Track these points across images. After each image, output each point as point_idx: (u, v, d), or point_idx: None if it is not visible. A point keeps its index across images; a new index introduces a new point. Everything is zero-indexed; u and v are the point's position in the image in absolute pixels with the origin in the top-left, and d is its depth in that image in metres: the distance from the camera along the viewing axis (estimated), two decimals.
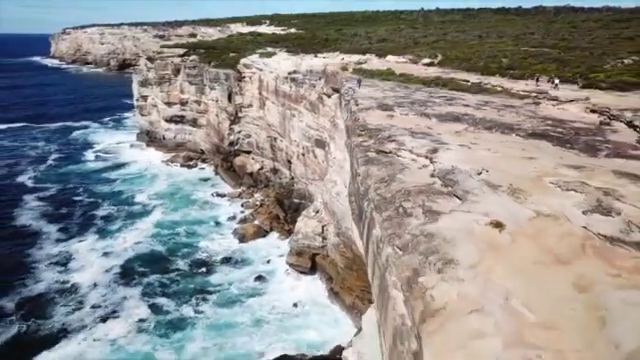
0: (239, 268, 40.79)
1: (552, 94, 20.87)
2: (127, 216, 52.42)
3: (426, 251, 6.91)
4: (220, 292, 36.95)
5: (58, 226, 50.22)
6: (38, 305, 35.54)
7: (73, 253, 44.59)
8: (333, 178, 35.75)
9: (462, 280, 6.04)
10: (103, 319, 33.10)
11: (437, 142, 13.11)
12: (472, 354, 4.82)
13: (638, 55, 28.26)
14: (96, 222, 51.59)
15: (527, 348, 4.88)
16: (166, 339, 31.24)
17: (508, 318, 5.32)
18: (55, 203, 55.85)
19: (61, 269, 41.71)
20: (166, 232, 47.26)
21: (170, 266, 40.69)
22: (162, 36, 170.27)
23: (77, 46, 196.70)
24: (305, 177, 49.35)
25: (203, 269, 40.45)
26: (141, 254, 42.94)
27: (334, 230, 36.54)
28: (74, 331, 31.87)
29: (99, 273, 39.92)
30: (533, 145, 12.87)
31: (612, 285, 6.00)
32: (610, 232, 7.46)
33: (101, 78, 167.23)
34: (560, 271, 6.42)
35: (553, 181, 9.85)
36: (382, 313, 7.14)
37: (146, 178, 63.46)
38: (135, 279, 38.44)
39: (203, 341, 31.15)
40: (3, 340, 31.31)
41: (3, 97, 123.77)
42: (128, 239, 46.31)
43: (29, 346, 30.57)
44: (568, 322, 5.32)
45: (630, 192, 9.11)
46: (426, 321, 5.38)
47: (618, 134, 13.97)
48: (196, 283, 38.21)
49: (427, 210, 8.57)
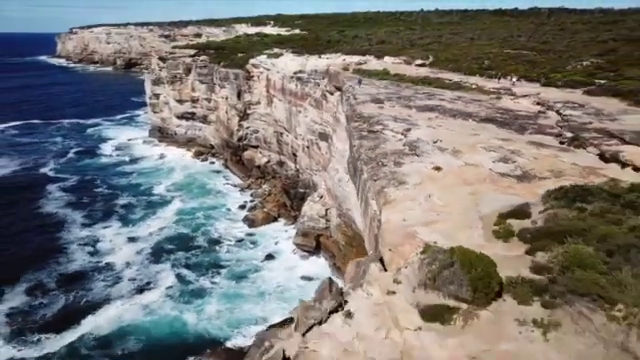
0: (250, 248, 45.90)
1: (514, 90, 25.94)
2: (147, 205, 57.39)
3: (390, 179, 12.01)
4: (232, 267, 42.13)
5: (82, 213, 55.27)
6: (77, 281, 40.32)
7: (100, 237, 49.52)
8: (335, 167, 40.85)
9: (407, 189, 11.12)
10: (138, 290, 38.16)
11: (412, 125, 18.24)
12: (404, 214, 9.88)
13: (597, 57, 33.29)
14: (117, 210, 56.55)
15: (433, 212, 9.95)
16: (189, 304, 36.42)
17: (426, 203, 10.41)
18: (77, 193, 60.89)
19: (91, 250, 46.66)
20: (187, 218, 52.46)
21: (192, 245, 45.89)
22: (167, 36, 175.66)
23: (84, 45, 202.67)
24: (310, 168, 54.42)
25: (219, 248, 45.61)
26: (168, 237, 48.04)
27: (336, 212, 41.64)
28: (113, 300, 36.91)
29: (131, 255, 44.78)
30: (481, 126, 17.99)
31: (489, 192, 11.08)
32: (503, 171, 12.55)
33: (108, 77, 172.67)
34: (465, 187, 11.50)
35: (483, 146, 14.94)
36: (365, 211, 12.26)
37: (162, 171, 68.59)
38: (164, 257, 43.57)
39: (218, 306, 36.38)
40: (51, 309, 36.22)
41: (16, 96, 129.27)
42: (152, 225, 51.31)
43: (75, 313, 35.44)
44: (459, 205, 10.40)
45: (529, 152, 14.21)
46: (384, 206, 10.44)
47: (547, 119, 19.04)
48: (213, 259, 43.38)
49: (395, 162, 13.69)
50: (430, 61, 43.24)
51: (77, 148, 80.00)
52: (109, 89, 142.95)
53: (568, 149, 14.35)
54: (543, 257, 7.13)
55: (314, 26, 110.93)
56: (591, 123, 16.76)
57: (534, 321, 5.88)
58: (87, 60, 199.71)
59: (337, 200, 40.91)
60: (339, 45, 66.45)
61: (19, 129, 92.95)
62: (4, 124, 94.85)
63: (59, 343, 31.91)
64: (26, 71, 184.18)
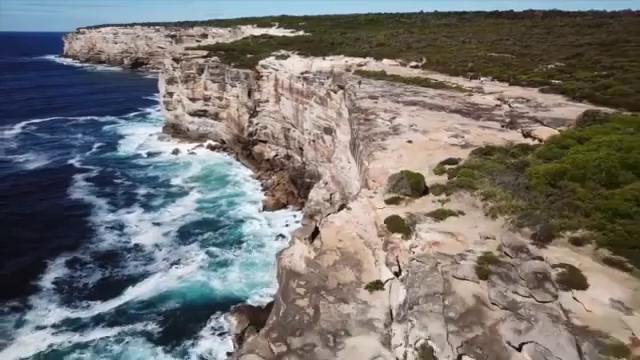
0: (264, 229, 52.55)
1: (485, 89, 32.33)
2: (167, 195, 64.01)
3: (377, 147, 18.43)
4: (250, 243, 48.89)
5: (107, 200, 61.95)
6: (110, 258, 46.66)
7: (125, 222, 56.10)
8: (339, 156, 47.27)
9: (386, 153, 17.54)
10: (172, 264, 44.77)
11: (397, 115, 24.69)
12: (383, 164, 16.27)
13: (562, 61, 39.67)
14: (139, 199, 63.20)
15: (401, 163, 16.32)
16: (215, 272, 43.17)
17: (398, 159, 16.81)
18: (101, 183, 67.64)
19: (119, 233, 53.23)
20: (206, 205, 59.24)
21: (214, 227, 52.72)
22: (174, 36, 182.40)
23: (91, 45, 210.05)
24: (315, 160, 60.94)
25: (238, 229, 52.39)
26: (192, 221, 54.76)
27: (339, 196, 48.14)
28: (150, 274, 43.40)
29: (158, 237, 51.18)
30: (449, 116, 24.43)
31: (440, 153, 17.44)
32: (453, 142, 18.94)
33: (117, 76, 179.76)
34: (425, 152, 17.90)
35: (445, 129, 21.35)
36: (359, 168, 18.71)
37: (178, 165, 75.28)
38: (193, 236, 50.34)
39: (238, 273, 43.21)
40: (92, 280, 42.55)
41: (31, 94, 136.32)
42: (174, 213, 57.89)
43: (116, 284, 41.75)
44: (418, 160, 16.80)
45: (475, 132, 20.62)
46: (371, 162, 16.83)
47: (500, 110, 25.44)
48: (234, 238, 50.26)
49: (382, 138, 20.10)
50: (423, 63, 49.65)
51: (98, 143, 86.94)
52: (119, 88, 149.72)
53: (504, 130, 20.77)
54: (453, 178, 13.54)
55: (317, 28, 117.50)
56: (528, 113, 23.18)
57: (439, 200, 12.31)
58: (94, 60, 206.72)
59: (340, 185, 47.35)
60: (342, 47, 72.93)
61: (39, 126, 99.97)
62: (25, 121, 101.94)
63: (107, 307, 38.39)
64: (37, 70, 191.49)
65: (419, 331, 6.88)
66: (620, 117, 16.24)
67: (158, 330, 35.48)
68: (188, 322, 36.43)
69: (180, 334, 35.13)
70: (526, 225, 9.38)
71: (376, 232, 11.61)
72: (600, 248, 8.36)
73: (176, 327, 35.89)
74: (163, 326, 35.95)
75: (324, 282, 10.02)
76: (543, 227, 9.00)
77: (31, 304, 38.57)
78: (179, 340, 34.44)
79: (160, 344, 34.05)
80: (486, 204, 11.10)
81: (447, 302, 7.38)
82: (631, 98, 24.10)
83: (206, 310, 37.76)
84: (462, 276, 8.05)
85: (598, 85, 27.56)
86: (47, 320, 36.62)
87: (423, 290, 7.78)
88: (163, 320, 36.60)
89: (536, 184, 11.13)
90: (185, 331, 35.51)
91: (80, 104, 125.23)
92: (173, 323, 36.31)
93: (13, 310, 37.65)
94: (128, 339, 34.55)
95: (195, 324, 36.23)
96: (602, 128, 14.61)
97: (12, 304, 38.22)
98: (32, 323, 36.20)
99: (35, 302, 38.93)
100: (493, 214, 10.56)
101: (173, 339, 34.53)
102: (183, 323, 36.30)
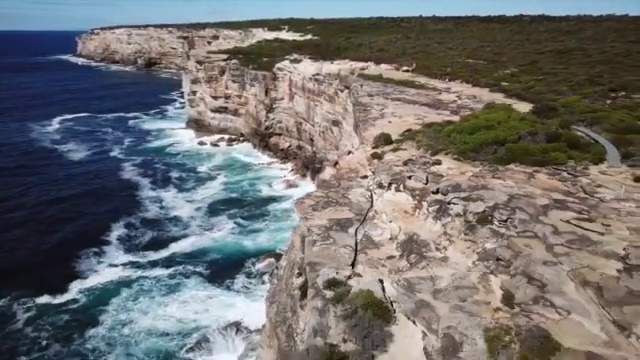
0: (284, 202, 65.99)
1: (452, 89, 45.50)
2: (197, 180, 77.58)
3: (370, 125, 31.68)
4: (274, 214, 62.28)
5: (148, 180, 75.79)
6: (156, 224, 60.39)
7: (163, 198, 69.84)
8: (345, 143, 60.59)
9: (375, 127, 30.76)
10: (205, 229, 58.22)
11: (384, 107, 38.07)
12: (373, 132, 29.47)
13: (518, 67, 52.94)
14: (173, 182, 76.94)
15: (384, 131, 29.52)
16: (246, 236, 56.57)
17: (382, 129, 30.02)
18: (141, 168, 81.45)
19: (159, 206, 66.91)
20: (232, 186, 72.79)
21: (243, 202, 66.17)
22: (186, 37, 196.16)
23: (105, 45, 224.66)
24: (324, 148, 74.32)
25: (262, 204, 65.80)
26: (220, 199, 68.35)
27: None
28: (187, 236, 56.84)
29: (192, 211, 64.78)
30: (419, 107, 37.77)
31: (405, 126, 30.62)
32: (416, 122, 32.15)
33: (132, 76, 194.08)
34: (397, 127, 31.11)
35: (414, 115, 34.57)
36: (359, 137, 32.06)
37: (202, 155, 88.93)
38: (222, 211, 63.78)
39: (267, 235, 56.46)
40: (144, 239, 56.16)
41: (58, 93, 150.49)
42: (204, 193, 71.44)
43: (163, 241, 55.34)
44: (394, 130, 29.94)
45: (432, 116, 33.93)
46: (365, 132, 30.04)
47: (454, 104, 38.64)
48: (259, 210, 63.60)
49: (373, 120, 33.40)
50: (413, 68, 63.02)
51: (129, 137, 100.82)
52: (136, 87, 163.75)
53: (450, 115, 34.03)
54: (412, 141, 26.86)
55: (324, 32, 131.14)
56: (469, 105, 36.47)
57: (396, 145, 25.64)
58: (108, 59, 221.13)
59: None
60: (347, 52, 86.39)
61: (73, 121, 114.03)
62: (60, 116, 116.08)
63: (158, 256, 52.03)
64: (56, 70, 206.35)
65: (378, 178, 20.06)
66: (505, 106, 29.50)
67: (203, 271, 48.32)
68: (226, 267, 49.47)
69: (220, 274, 47.95)
70: (429, 149, 22.63)
71: (366, 160, 24.86)
72: (455, 154, 21.57)
73: (217, 270, 48.90)
74: (207, 269, 48.76)
75: (342, 177, 23.30)
76: (434, 149, 22.27)
77: (105, 251, 52.42)
78: (221, 278, 47.24)
79: (206, 280, 46.98)
80: (417, 144, 24.39)
81: (389, 171, 20.57)
82: (542, 96, 37.29)
83: (240, 260, 50.79)
84: (397, 165, 21.24)
85: (526, 87, 40.81)
86: (117, 261, 50.45)
87: (382, 169, 21.00)
88: (206, 266, 49.55)
89: (441, 136, 24.40)
90: (224, 272, 48.39)
91: (105, 101, 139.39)
92: (214, 267, 49.30)
93: (94, 254, 51.41)
94: (179, 277, 47.66)
95: (232, 268, 49.13)
96: (490, 110, 27.88)
97: (93, 250, 52.09)
98: (106, 262, 50.05)
99: (107, 250, 52.79)
100: (418, 147, 23.83)
101: (216, 277, 47.40)
102: (222, 267, 49.32)
